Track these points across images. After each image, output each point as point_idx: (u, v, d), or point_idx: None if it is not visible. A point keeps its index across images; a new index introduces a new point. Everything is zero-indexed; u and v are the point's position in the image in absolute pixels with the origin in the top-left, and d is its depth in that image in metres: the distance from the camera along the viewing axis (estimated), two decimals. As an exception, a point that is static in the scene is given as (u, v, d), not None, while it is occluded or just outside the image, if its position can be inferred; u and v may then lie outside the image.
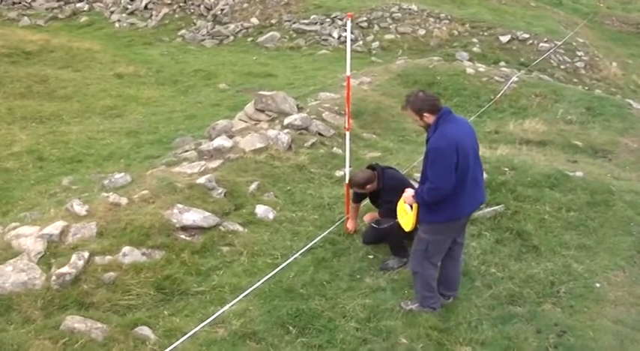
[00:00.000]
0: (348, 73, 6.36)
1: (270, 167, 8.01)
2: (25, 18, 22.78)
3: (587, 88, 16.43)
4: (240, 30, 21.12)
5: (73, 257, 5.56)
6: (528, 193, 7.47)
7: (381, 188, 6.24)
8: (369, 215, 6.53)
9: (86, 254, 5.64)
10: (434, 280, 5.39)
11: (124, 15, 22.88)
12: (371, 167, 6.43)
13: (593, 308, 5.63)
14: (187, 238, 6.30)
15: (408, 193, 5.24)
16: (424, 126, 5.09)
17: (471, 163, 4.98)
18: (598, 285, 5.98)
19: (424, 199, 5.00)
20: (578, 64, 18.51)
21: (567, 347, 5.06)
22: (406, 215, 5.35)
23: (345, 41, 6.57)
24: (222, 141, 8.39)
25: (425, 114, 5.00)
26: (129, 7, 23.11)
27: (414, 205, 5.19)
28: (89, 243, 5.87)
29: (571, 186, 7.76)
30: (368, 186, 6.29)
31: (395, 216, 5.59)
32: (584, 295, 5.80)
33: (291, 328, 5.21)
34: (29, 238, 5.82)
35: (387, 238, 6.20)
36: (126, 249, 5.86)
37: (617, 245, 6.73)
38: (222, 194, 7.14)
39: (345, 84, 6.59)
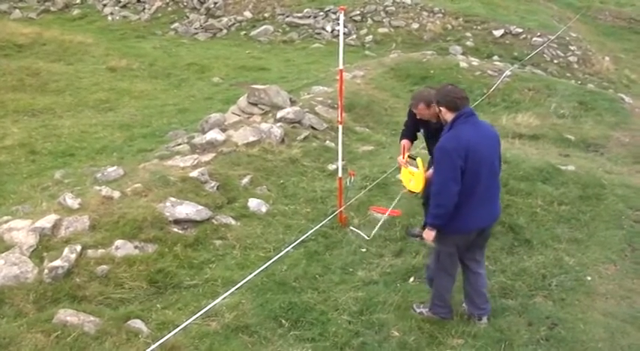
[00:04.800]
0: (340, 66, 6.34)
1: (263, 161, 8.01)
2: (17, 11, 22.64)
3: (579, 82, 16.50)
4: (234, 23, 21.08)
5: (66, 250, 5.54)
6: (520, 187, 7.50)
7: (439, 127, 5.38)
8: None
9: (79, 247, 5.63)
10: (447, 292, 5.18)
11: (116, 8, 22.78)
12: None
13: (584, 301, 5.66)
14: (180, 232, 6.29)
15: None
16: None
17: (483, 174, 4.57)
18: (589, 278, 6.01)
19: (431, 211, 4.70)
20: (571, 58, 18.57)
21: (558, 340, 5.08)
22: (413, 176, 5.38)
23: (339, 35, 6.56)
24: (215, 134, 8.38)
25: (442, 108, 4.69)
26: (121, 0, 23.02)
27: (418, 161, 5.19)
28: (82, 236, 5.85)
29: (563, 180, 7.80)
30: (421, 106, 5.55)
31: None
32: (576, 288, 5.84)
33: (283, 321, 5.22)
34: (21, 231, 5.79)
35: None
36: (118, 242, 5.85)
37: (608, 239, 6.76)
38: (215, 188, 7.13)
39: (338, 77, 6.57)
